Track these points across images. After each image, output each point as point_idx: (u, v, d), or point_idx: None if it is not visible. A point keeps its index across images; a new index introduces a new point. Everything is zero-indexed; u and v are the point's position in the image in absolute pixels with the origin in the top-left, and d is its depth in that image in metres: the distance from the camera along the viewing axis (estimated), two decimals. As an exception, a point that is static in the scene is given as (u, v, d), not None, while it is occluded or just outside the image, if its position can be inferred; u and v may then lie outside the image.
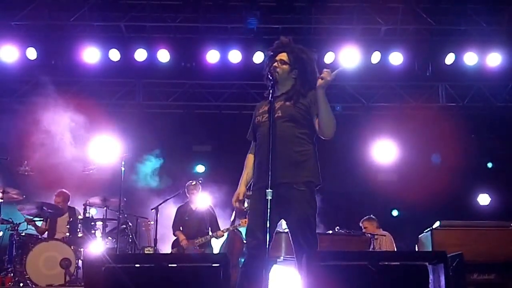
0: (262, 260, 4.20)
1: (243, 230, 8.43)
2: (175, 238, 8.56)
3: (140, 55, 10.12)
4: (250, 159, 4.82)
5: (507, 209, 10.42)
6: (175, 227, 8.62)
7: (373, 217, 8.75)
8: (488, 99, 11.05)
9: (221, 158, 10.78)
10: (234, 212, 8.37)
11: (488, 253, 6.85)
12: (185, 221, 8.58)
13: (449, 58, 10.29)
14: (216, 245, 8.59)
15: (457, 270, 5.62)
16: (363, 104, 11.10)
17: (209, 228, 8.58)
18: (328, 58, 10.18)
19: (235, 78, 10.84)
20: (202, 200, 8.83)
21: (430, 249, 6.96)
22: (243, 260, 7.64)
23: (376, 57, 10.25)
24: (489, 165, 11.42)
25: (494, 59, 10.34)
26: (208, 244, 8.45)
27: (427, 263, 3.97)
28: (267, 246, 4.13)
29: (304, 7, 10.03)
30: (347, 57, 10.17)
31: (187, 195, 8.75)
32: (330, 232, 7.49)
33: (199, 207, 8.70)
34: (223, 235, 8.38)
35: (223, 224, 8.77)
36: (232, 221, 8.34)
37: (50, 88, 10.41)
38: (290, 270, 6.56)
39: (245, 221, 8.25)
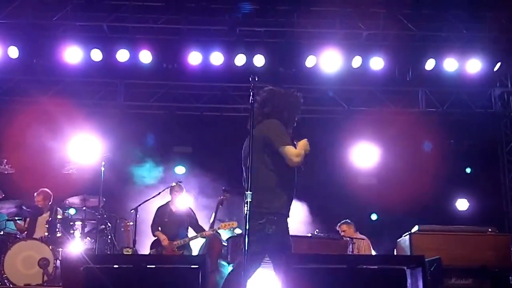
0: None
1: (222, 232, 8.43)
2: (154, 239, 8.52)
3: (122, 55, 10.06)
4: None
5: (485, 215, 10.53)
6: (154, 228, 8.58)
7: (350, 221, 8.79)
8: (467, 105, 11.15)
9: (202, 160, 10.76)
10: (213, 214, 8.36)
11: (465, 258, 6.93)
12: (164, 222, 8.56)
13: (429, 64, 10.36)
14: (195, 247, 8.57)
15: (435, 274, 5.69)
16: (344, 108, 11.16)
17: (188, 230, 8.56)
18: (310, 62, 10.23)
19: (216, 80, 10.82)
20: (183, 201, 8.81)
21: (409, 253, 7.02)
22: (222, 262, 7.72)
23: (357, 61, 10.29)
24: (468, 170, 11.51)
25: (474, 66, 10.43)
26: (186, 246, 8.43)
27: (405, 267, 4.03)
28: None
29: (287, 10, 10.06)
30: (328, 61, 10.22)
31: (170, 195, 8.72)
32: (309, 235, 7.52)
33: (179, 209, 8.68)
34: (210, 234, 8.35)
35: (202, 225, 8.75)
36: (212, 223, 8.33)
37: (32, 87, 10.35)
38: (269, 273, 6.56)
39: (225, 224, 8.25)
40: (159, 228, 8.55)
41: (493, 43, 10.43)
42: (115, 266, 4.18)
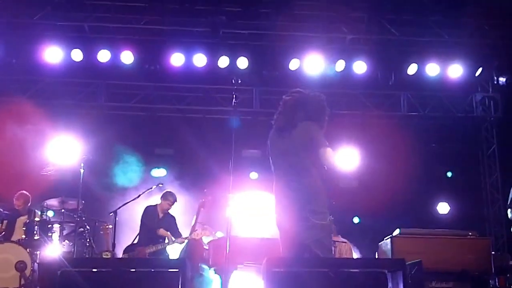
0: None
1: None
2: (128, 244, 8.40)
3: (103, 56, 9.97)
4: None
5: (466, 218, 10.59)
6: (155, 226, 8.43)
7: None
8: (449, 109, 11.24)
9: (183, 162, 10.69)
10: (195, 217, 8.29)
11: (446, 261, 6.99)
12: (150, 225, 8.43)
13: (412, 68, 10.43)
14: (176, 250, 8.47)
15: (416, 278, 5.69)
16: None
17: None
18: (293, 65, 10.23)
19: (199, 82, 10.77)
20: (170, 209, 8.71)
21: (390, 257, 7.02)
22: (204, 266, 7.65)
23: (340, 65, 10.33)
24: (449, 174, 11.59)
25: (455, 71, 10.54)
26: (161, 252, 8.27)
27: (386, 271, 4.01)
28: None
29: (271, 13, 10.04)
30: (312, 64, 10.23)
31: (162, 201, 8.60)
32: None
33: (164, 215, 8.59)
34: (183, 242, 8.28)
35: (182, 230, 8.66)
36: (193, 226, 8.25)
37: (11, 87, 10.21)
38: (251, 276, 6.52)
39: (197, 233, 8.14)
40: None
41: (475, 49, 10.54)
42: (94, 270, 4.09)
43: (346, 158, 11.28)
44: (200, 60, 10.15)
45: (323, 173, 4.87)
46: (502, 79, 10.63)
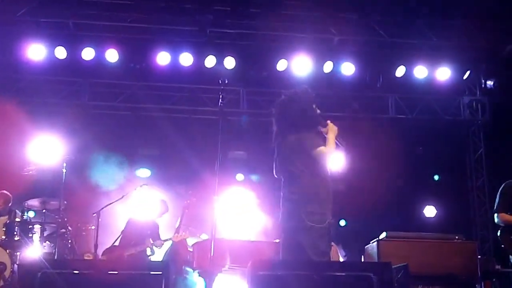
0: None
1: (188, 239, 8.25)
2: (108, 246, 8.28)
3: (88, 53, 9.84)
4: None
5: (453, 222, 10.61)
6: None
7: None
8: (436, 112, 11.23)
9: (168, 163, 10.57)
10: (179, 219, 8.17)
11: (433, 265, 6.98)
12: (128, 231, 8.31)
13: (400, 71, 10.44)
14: (160, 252, 8.35)
15: (402, 281, 5.67)
16: (314, 112, 11.09)
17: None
18: (281, 65, 10.18)
19: (185, 82, 10.66)
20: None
21: (376, 260, 7.00)
22: (187, 268, 7.54)
23: (328, 66, 10.30)
24: (436, 177, 11.62)
25: (443, 73, 10.56)
26: (140, 255, 8.13)
27: (372, 274, 4.00)
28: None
29: (259, 13, 9.96)
30: (299, 65, 10.18)
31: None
32: (277, 240, 7.39)
33: (145, 220, 8.47)
34: (162, 245, 8.15)
35: (166, 231, 8.54)
36: (177, 228, 8.13)
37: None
38: (235, 279, 6.44)
39: (177, 236, 8.03)
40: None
41: (463, 52, 10.55)
42: (75, 271, 4.05)
43: (332, 160, 11.24)
44: (186, 59, 10.04)
45: (323, 176, 4.93)
46: (490, 83, 10.66)
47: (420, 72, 10.48)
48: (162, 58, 10.00)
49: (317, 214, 4.73)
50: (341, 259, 8.56)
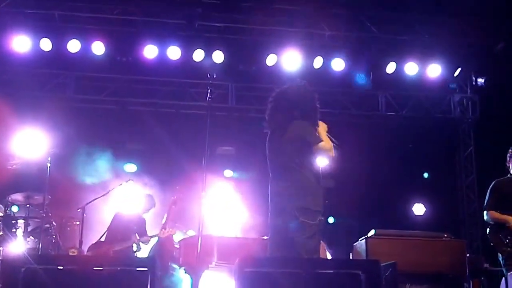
0: None
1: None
2: (96, 240, 8.17)
3: (74, 46, 9.75)
4: None
5: (442, 220, 10.62)
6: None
7: None
8: (427, 110, 11.24)
9: (154, 158, 10.47)
10: (166, 214, 8.07)
11: (421, 263, 6.98)
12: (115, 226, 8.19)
13: (390, 67, 10.41)
14: (146, 248, 8.25)
15: (390, 279, 5.64)
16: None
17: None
18: (270, 60, 10.12)
19: (173, 76, 10.58)
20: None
21: (365, 258, 6.98)
22: (174, 265, 7.44)
23: (318, 62, 10.24)
24: (425, 175, 11.62)
25: (434, 70, 10.58)
26: (126, 251, 8.02)
27: (360, 272, 3.98)
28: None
29: (248, 7, 9.92)
30: (289, 60, 10.12)
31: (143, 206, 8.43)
32: (265, 237, 7.31)
33: (131, 214, 8.36)
34: (149, 241, 8.05)
35: (153, 227, 8.44)
36: (164, 224, 8.02)
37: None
38: (222, 276, 6.37)
39: (163, 232, 7.94)
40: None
41: (454, 49, 10.60)
42: (59, 267, 3.99)
43: (320, 157, 11.18)
44: (174, 52, 9.97)
45: (316, 172, 4.85)
46: (480, 80, 10.66)
47: (411, 68, 10.48)
48: (150, 51, 9.91)
49: (310, 210, 4.64)
50: (329, 256, 8.51)
